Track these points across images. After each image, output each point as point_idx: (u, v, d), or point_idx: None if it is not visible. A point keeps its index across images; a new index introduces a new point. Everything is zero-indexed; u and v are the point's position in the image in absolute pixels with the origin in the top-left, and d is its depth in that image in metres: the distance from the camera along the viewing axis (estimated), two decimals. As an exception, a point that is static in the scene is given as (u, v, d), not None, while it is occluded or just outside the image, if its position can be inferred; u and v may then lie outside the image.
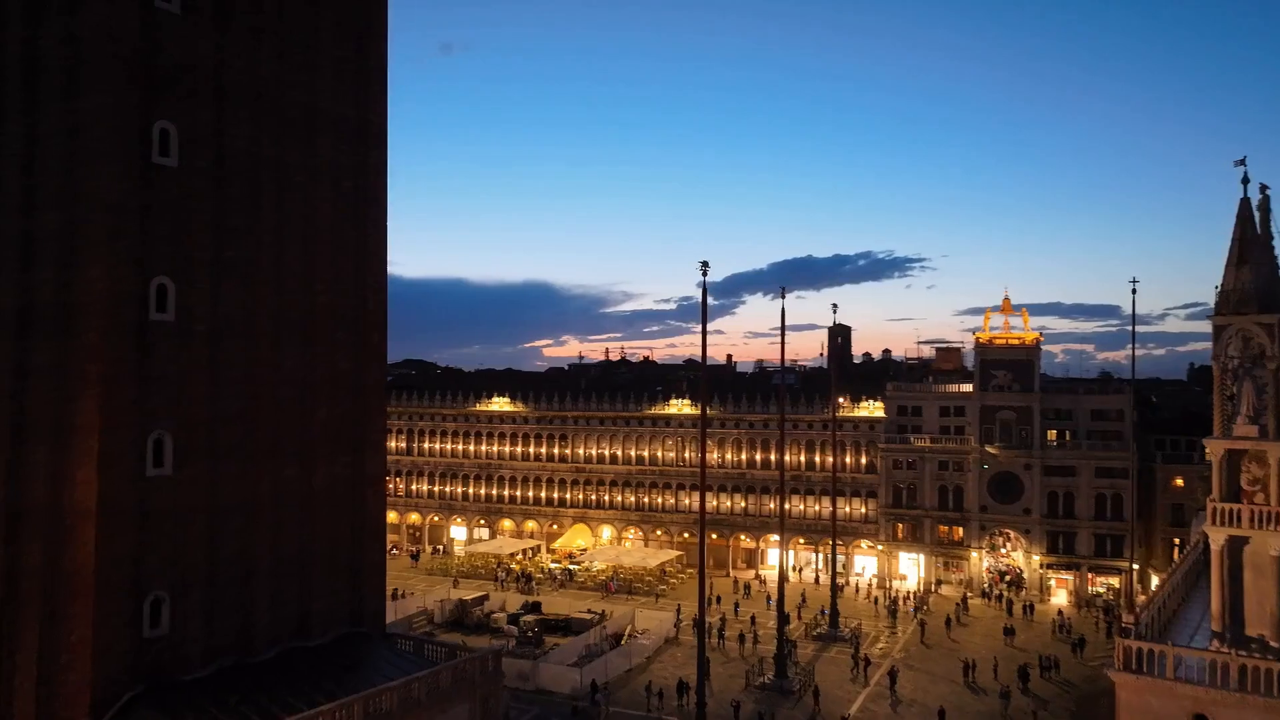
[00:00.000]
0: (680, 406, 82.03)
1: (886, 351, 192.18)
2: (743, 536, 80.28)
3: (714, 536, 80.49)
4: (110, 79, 26.69)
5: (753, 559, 79.97)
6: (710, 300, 43.57)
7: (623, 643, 57.74)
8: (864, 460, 77.48)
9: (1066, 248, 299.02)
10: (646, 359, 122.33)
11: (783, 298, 56.53)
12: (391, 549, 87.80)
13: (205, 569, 28.91)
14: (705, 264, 42.83)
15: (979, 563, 73.26)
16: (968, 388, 75.11)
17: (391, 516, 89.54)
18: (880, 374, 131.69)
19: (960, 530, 74.00)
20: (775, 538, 79.30)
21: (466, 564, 79.81)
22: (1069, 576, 70.73)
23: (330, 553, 32.98)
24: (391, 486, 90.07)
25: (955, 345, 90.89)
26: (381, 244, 35.12)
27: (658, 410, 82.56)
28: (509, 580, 75.30)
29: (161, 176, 27.98)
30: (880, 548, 76.12)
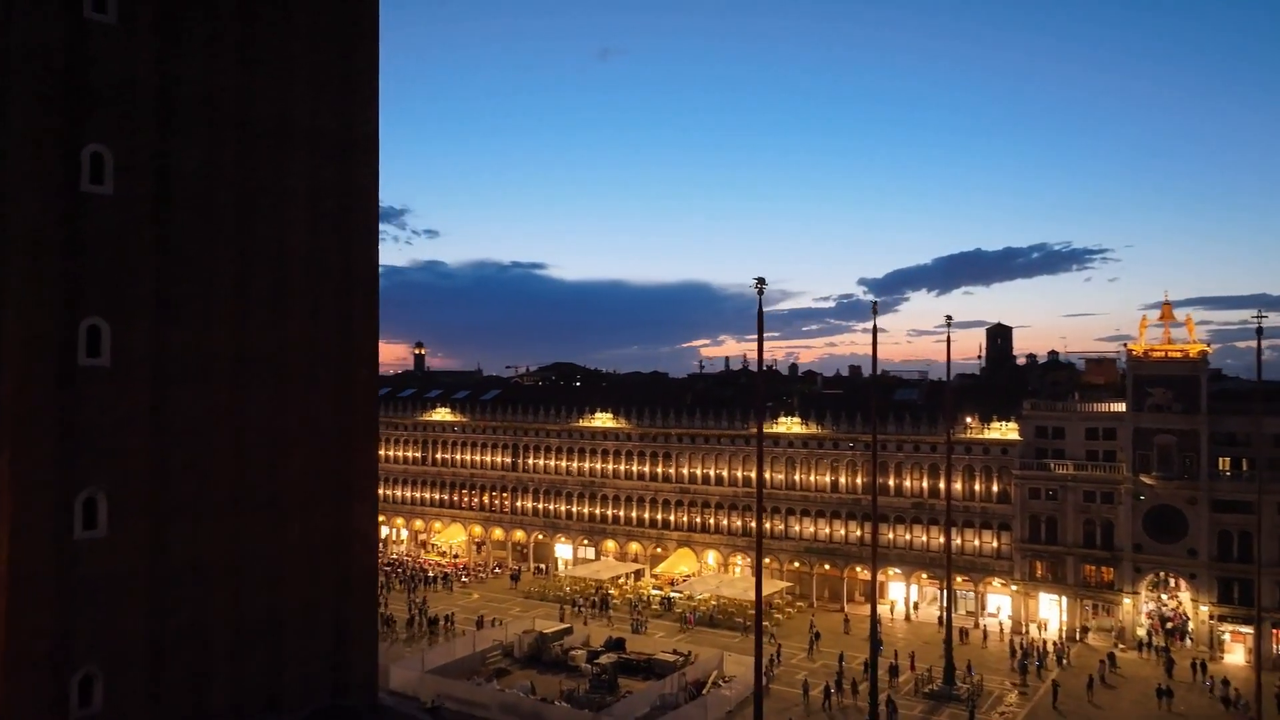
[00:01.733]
0: (789, 424, 75.64)
1: (1053, 353, 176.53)
2: (859, 568, 73.06)
3: (827, 567, 73.81)
4: (30, 99, 24.17)
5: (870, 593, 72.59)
6: (871, 297, 38.00)
7: (705, 691, 52.51)
8: (995, 488, 68.74)
9: (1273, 234, 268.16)
10: (769, 368, 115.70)
11: (874, 315, 49.62)
12: (496, 566, 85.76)
13: (149, 640, 26.08)
14: (761, 280, 37.21)
15: (1132, 610, 63.31)
16: (1119, 407, 65.15)
17: (496, 534, 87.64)
18: (1046, 375, 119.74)
19: (1110, 571, 64.22)
20: (896, 570, 71.86)
21: (566, 586, 76.42)
22: (1248, 631, 59.87)
23: (308, 615, 29.67)
24: (498, 503, 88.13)
25: (1110, 356, 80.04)
26: (371, 269, 31.52)
27: (765, 429, 76.41)
28: (586, 606, 71.34)
29: (93, 206, 25.29)
30: (1015, 587, 67.27)
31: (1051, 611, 66.41)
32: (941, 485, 69.59)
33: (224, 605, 27.70)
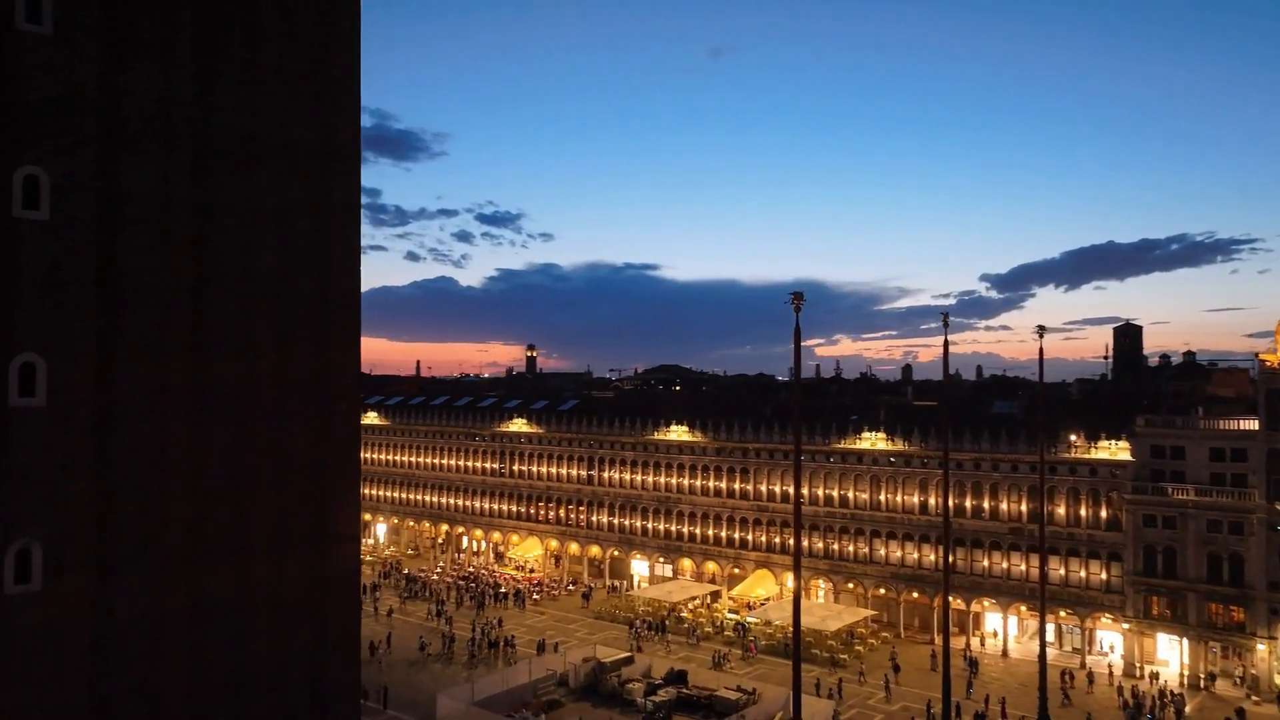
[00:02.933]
0: (873, 440, 70.23)
1: (1189, 353, 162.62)
2: (950, 597, 67.02)
3: (915, 595, 68.15)
4: (-47, 121, 22.33)
5: (964, 624, 66.60)
6: (993, 294, 33.96)
7: (766, 736, 48.37)
8: (1104, 514, 61.80)
9: None
10: (864, 375, 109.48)
11: (945, 327, 44.41)
12: (570, 582, 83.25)
13: (90, 703, 24.04)
14: (798, 296, 32.99)
15: (1269, 657, 55.56)
16: (1251, 424, 57.40)
17: (573, 548, 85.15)
18: (1176, 379, 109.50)
19: (1240, 611, 56.60)
20: (992, 601, 65.67)
21: (639, 606, 73.13)
22: None
23: (280, 673, 27.22)
24: (573, 517, 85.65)
25: (1241, 367, 71.38)
26: (352, 293, 28.86)
27: (848, 444, 71.27)
28: (643, 629, 67.80)
29: (26, 233, 23.37)
30: (1127, 625, 60.21)
31: (1170, 654, 59.17)
32: (1046, 508, 63.11)
33: (181, 663, 25.57)
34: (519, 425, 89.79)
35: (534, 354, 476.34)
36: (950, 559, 66.49)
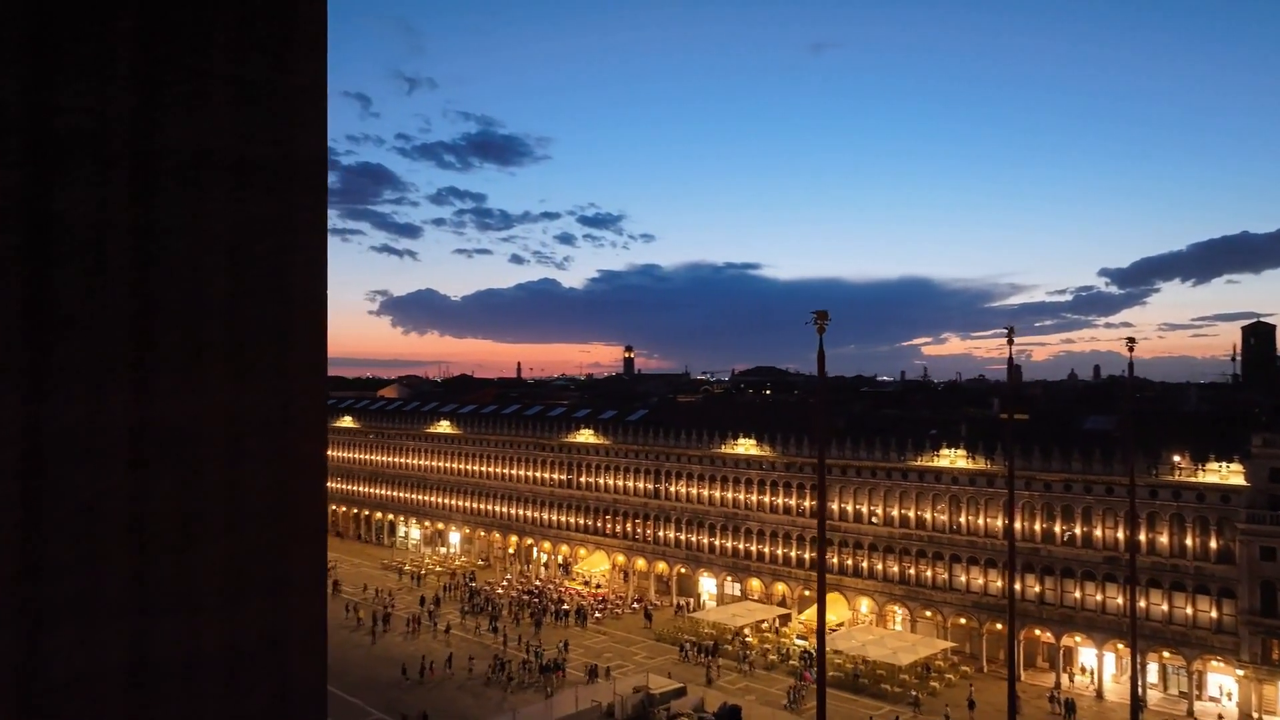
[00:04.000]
0: (953, 458, 65.00)
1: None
2: (1038, 629, 61.46)
3: (999, 626, 62.57)
4: None
5: (1054, 660, 60.87)
6: (1114, 290, 30.24)
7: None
8: (1213, 544, 55.25)
9: None
10: (952, 383, 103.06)
11: (1010, 341, 39.55)
12: (635, 600, 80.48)
13: (17, 768, 22.32)
14: (823, 315, 29.27)
15: None
16: (1389, 446, 50.18)
17: (639, 564, 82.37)
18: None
19: (1376, 660, 49.52)
20: (1084, 637, 59.77)
21: (704, 628, 69.79)
22: None
23: (234, 732, 25.08)
24: (640, 531, 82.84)
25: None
26: (318, 319, 26.37)
27: (925, 462, 66.23)
28: (693, 653, 64.27)
29: (-55, 264, 21.80)
30: (1241, 671, 53.63)
31: (1293, 704, 52.37)
32: (1143, 537, 56.94)
33: (119, 723, 23.71)
34: (586, 436, 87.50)
35: (631, 355, 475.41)
36: (1039, 589, 61.01)
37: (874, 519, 68.77)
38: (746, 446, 75.73)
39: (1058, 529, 60.52)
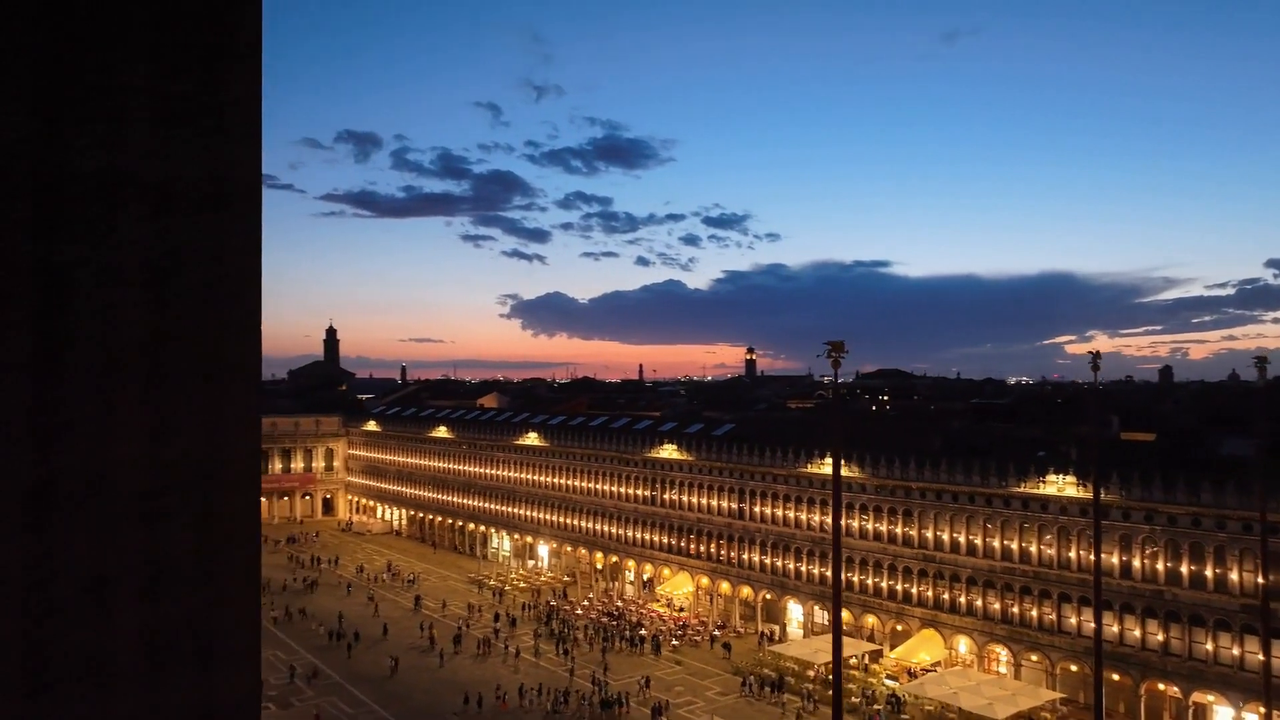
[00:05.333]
0: (1061, 484, 57.91)
1: None
2: (1161, 684, 53.88)
3: (1115, 676, 55.34)
4: None
5: (1182, 718, 53.19)
6: None
7: None
8: (1377, 596, 46.65)
9: None
10: (1074, 393, 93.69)
11: (1096, 369, 33.43)
12: (719, 625, 76.14)
13: None
14: (838, 347, 24.59)
15: None
16: None
17: (724, 587, 78.13)
18: None
19: None
20: (1217, 695, 51.93)
21: (787, 662, 64.93)
22: None
23: (156, 821, 22.63)
24: (723, 553, 78.47)
25: None
26: (250, 359, 23.74)
27: (1029, 488, 59.32)
28: (756, 686, 58.88)
29: None
30: None
31: None
32: (1287, 584, 48.86)
33: (21, 812, 21.65)
34: (669, 451, 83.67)
35: (752, 357, 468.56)
36: (1163, 637, 53.57)
37: (973, 550, 62.24)
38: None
39: (1184, 569, 52.82)
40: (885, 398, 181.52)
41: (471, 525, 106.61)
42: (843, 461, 68.72)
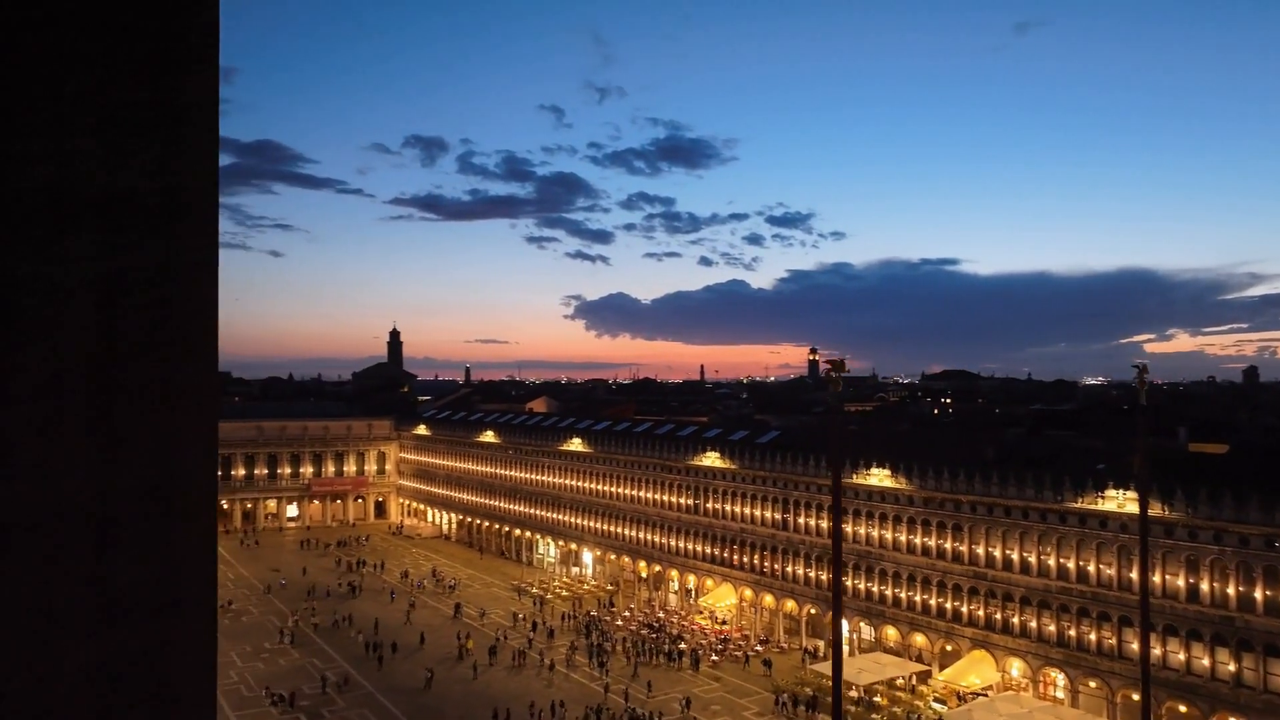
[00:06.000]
0: (1121, 500, 54.13)
1: None
2: (1231, 718, 49.83)
3: (1182, 709, 51.50)
4: None
5: (1257, 756, 49.11)
6: None
7: None
8: None
9: None
10: (1147, 400, 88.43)
11: (1143, 387, 30.31)
12: (761, 639, 73.62)
13: None
14: (838, 364, 22.26)
15: None
16: None
17: (767, 600, 75.63)
18: None
19: None
20: (1297, 731, 47.78)
21: (830, 682, 62.10)
22: None
23: None
24: (767, 565, 75.93)
25: None
26: (206, 382, 22.39)
27: (1086, 504, 55.65)
28: (789, 704, 56.38)
29: None
30: None
31: None
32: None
33: None
34: (712, 459, 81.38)
35: (815, 357, 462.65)
36: (1234, 667, 49.61)
37: (1027, 569, 58.71)
38: (880, 477, 67.21)
39: (1258, 594, 48.76)
40: (948, 400, 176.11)
41: (518, 531, 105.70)
42: (888, 472, 65.82)
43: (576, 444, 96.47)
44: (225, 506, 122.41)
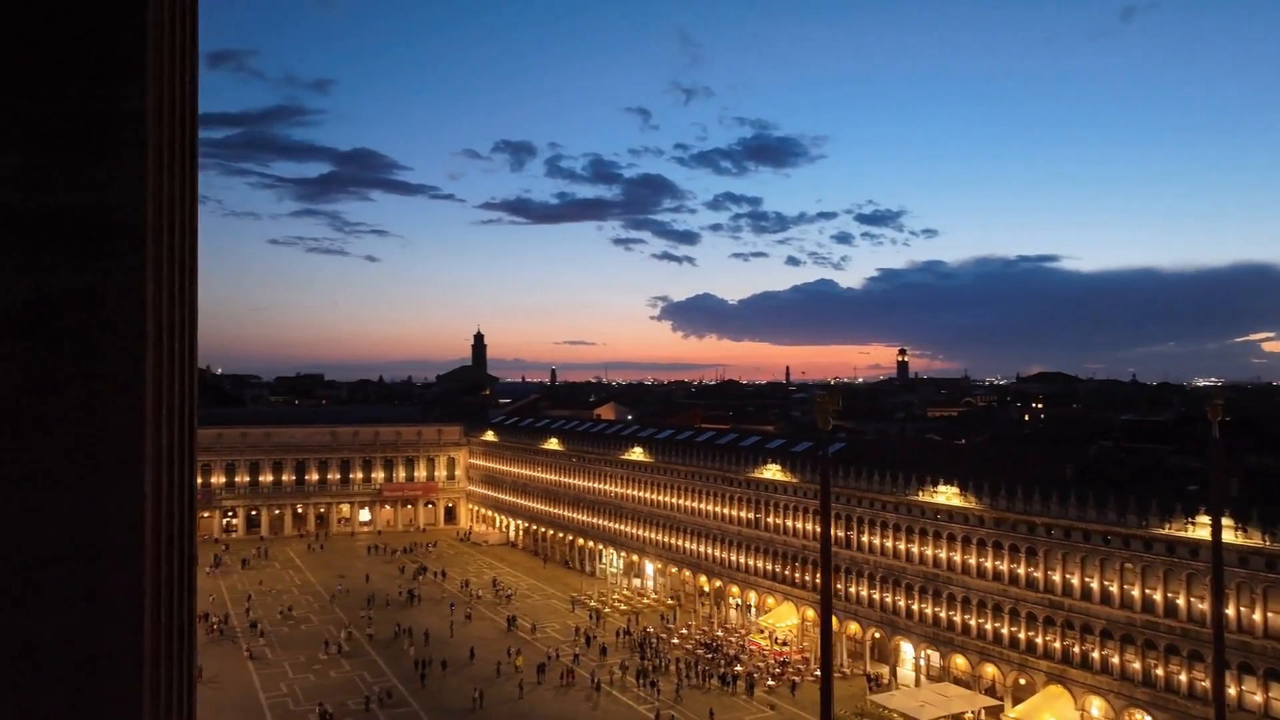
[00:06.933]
0: (1209, 527, 48.71)
1: None
2: (1344, 778, 44.17)
3: (1285, 764, 45.91)
4: None
5: (1374, 821, 43.41)
6: None
7: None
8: None
9: None
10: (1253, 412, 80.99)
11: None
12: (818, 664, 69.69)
13: None
14: (831, 398, 18.57)
15: None
16: None
17: (835, 623, 71.51)
18: None
19: None
20: None
21: (892, 715, 58.25)
22: None
23: None
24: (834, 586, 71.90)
25: None
26: (132, 414, 20.78)
27: (1175, 530, 50.40)
28: None
29: None
30: None
31: None
32: None
33: None
34: (773, 471, 77.85)
35: (904, 358, 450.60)
36: (1345, 718, 43.89)
37: (1108, 599, 53.67)
38: (947, 495, 62.75)
39: (1375, 638, 43.03)
40: (1040, 405, 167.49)
41: (581, 540, 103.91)
42: (956, 490, 61.39)
43: (637, 453, 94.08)
44: (300, 510, 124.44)
